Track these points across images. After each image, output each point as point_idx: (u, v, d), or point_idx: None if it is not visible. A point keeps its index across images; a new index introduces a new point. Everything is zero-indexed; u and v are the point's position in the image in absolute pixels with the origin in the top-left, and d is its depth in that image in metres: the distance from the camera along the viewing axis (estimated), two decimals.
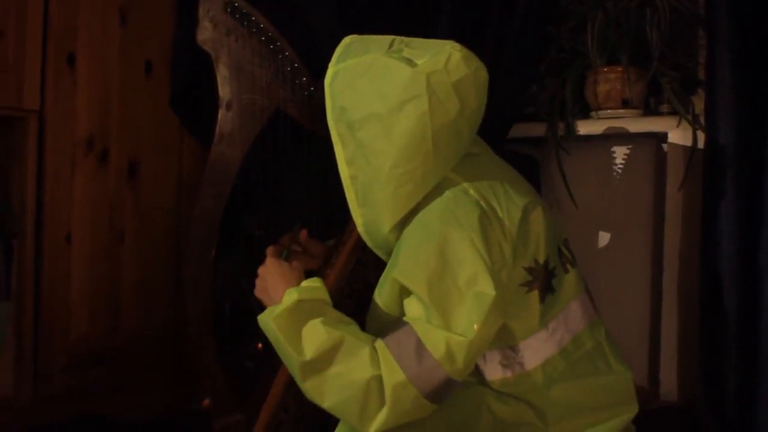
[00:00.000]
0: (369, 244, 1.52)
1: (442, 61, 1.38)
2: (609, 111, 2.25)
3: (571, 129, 2.26)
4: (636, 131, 2.24)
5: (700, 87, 2.17)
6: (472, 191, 1.42)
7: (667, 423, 2.13)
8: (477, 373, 1.46)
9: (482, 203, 1.40)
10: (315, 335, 1.39)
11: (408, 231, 1.43)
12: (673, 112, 2.20)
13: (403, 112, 1.37)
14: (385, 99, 1.38)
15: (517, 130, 2.31)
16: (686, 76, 2.21)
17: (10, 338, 1.99)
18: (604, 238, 2.39)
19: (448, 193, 1.42)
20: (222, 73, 1.69)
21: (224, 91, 1.69)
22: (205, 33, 1.68)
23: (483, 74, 1.43)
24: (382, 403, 1.34)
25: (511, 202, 1.43)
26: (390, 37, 1.48)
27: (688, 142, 2.14)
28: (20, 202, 2.00)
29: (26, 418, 2.01)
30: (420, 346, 1.33)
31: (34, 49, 1.99)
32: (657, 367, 2.24)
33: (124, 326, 2.23)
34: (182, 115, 2.34)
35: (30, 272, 2.01)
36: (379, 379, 1.35)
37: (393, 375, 1.34)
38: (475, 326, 1.32)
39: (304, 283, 1.49)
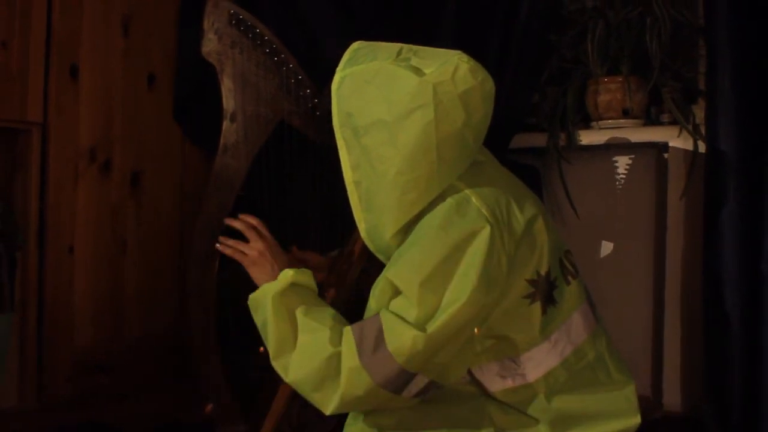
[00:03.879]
0: (371, 248, 1.53)
1: (450, 71, 1.38)
2: (610, 121, 2.25)
3: (572, 139, 2.27)
4: (637, 141, 2.24)
5: (701, 96, 2.18)
6: (474, 199, 1.42)
7: None
8: (477, 385, 1.46)
9: (484, 211, 1.40)
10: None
11: (411, 237, 1.43)
12: (673, 122, 2.20)
13: (409, 120, 1.38)
14: (391, 106, 1.39)
15: (518, 140, 2.31)
16: (686, 85, 2.21)
17: (14, 348, 1.99)
18: (605, 247, 2.39)
19: (450, 200, 1.42)
20: (226, 85, 1.70)
21: (229, 102, 1.71)
22: (209, 45, 1.69)
23: (489, 85, 1.43)
24: (337, 385, 1.38)
25: (513, 212, 1.43)
26: (398, 45, 1.48)
27: (689, 152, 2.15)
28: (24, 213, 2.00)
29: (31, 426, 2.01)
30: (380, 336, 1.35)
31: (38, 60, 2.00)
32: (660, 376, 2.24)
33: (127, 335, 2.24)
34: (185, 125, 2.35)
35: (33, 282, 2.02)
36: (337, 357, 1.38)
37: (349, 359, 1.37)
38: (435, 327, 1.33)
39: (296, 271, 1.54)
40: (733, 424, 1.91)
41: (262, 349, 1.91)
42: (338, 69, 1.48)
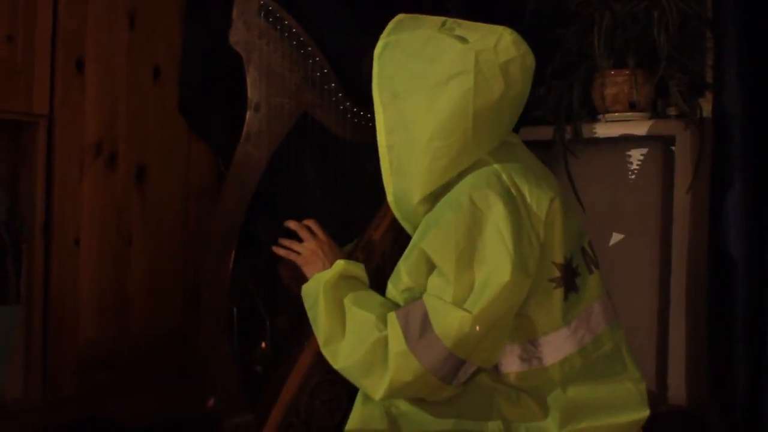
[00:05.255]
0: (396, 214, 1.54)
1: (493, 41, 1.41)
2: (616, 114, 2.25)
3: (578, 132, 2.27)
4: (643, 134, 2.24)
5: (708, 89, 2.17)
6: (504, 176, 1.44)
7: (675, 426, 2.13)
8: (493, 369, 1.46)
9: (513, 190, 1.42)
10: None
11: (440, 206, 1.44)
12: (680, 115, 2.20)
13: (448, 86, 1.40)
14: (432, 72, 1.41)
15: (524, 133, 2.29)
16: (694, 78, 2.21)
17: (19, 342, 1.99)
18: (611, 240, 2.39)
19: (478, 173, 1.44)
20: (252, 75, 1.71)
21: (253, 92, 1.71)
22: (237, 34, 1.70)
23: (530, 59, 1.46)
24: (386, 370, 1.38)
25: (542, 191, 1.45)
26: (442, 18, 1.52)
27: (696, 145, 2.14)
28: (29, 206, 2.00)
29: (35, 421, 2.01)
30: (425, 320, 1.36)
31: (44, 54, 2.00)
32: (665, 369, 2.24)
33: (132, 329, 2.24)
34: (190, 119, 2.35)
35: (39, 276, 2.02)
36: (384, 342, 1.39)
37: (396, 344, 1.38)
38: (480, 307, 1.33)
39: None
40: (737, 418, 1.90)
41: (264, 344, 1.92)
42: (382, 36, 1.51)
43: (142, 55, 2.24)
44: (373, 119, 1.71)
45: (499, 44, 1.41)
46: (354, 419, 1.49)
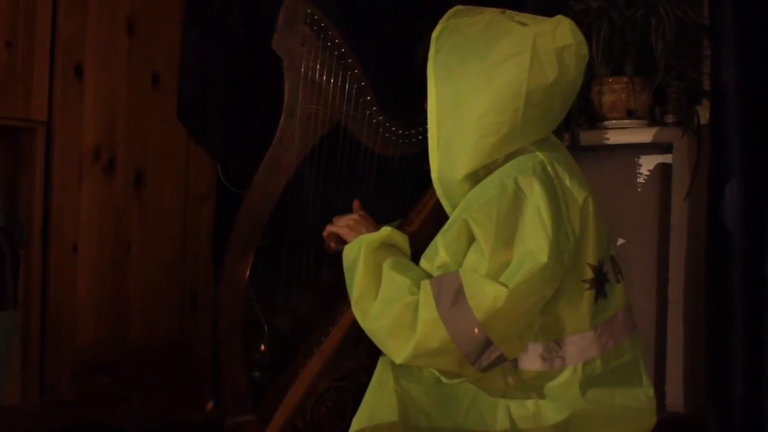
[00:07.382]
0: (438, 192, 1.55)
1: (551, 26, 1.46)
2: (614, 121, 2.25)
3: (576, 139, 2.27)
4: (641, 141, 2.24)
5: (705, 97, 2.18)
6: (549, 167, 1.47)
7: None
8: (513, 366, 1.47)
9: (556, 181, 1.45)
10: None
11: (484, 183, 1.47)
12: (678, 123, 2.20)
13: (504, 66, 1.43)
14: (490, 54, 1.44)
15: None
16: (691, 86, 2.21)
17: (17, 347, 1.99)
18: None
19: (522, 158, 1.47)
20: (290, 81, 1.72)
21: (290, 98, 1.73)
22: (281, 39, 1.71)
23: (584, 49, 1.50)
24: (413, 334, 1.38)
25: (581, 186, 1.49)
26: (500, 9, 1.56)
27: (694, 152, 2.15)
28: (27, 211, 2.01)
29: (33, 425, 2.01)
30: (460, 290, 1.37)
31: (42, 59, 2.00)
32: (663, 376, 2.23)
33: (130, 335, 2.24)
34: (189, 125, 2.35)
35: (37, 281, 2.02)
36: (414, 305, 1.39)
37: (426, 310, 1.38)
38: (516, 282, 1.34)
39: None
40: (735, 426, 1.90)
41: (262, 347, 1.92)
42: (440, 21, 1.56)
43: (141, 61, 2.24)
44: (403, 135, 1.74)
45: (557, 30, 1.45)
46: (365, 405, 1.49)
